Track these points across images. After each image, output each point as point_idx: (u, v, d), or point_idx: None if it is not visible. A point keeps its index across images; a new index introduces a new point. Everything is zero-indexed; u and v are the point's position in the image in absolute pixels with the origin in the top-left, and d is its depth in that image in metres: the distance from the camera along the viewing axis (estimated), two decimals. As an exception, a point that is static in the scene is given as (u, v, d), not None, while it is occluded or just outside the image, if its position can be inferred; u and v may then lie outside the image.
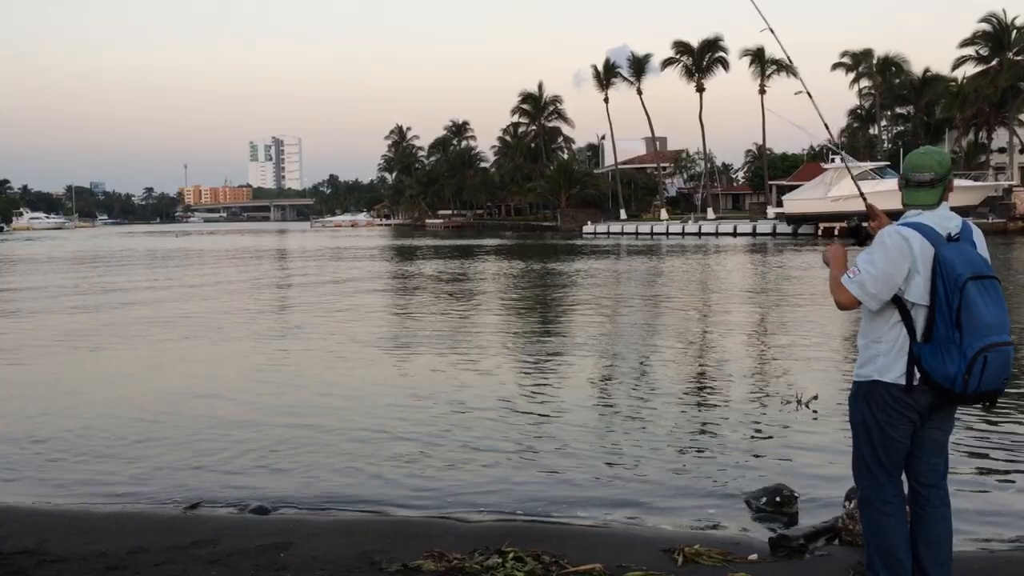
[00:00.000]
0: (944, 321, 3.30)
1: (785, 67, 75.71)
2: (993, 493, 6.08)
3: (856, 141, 77.42)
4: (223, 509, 5.96)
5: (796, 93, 5.25)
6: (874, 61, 73.28)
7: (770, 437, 7.66)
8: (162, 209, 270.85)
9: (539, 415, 8.61)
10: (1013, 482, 6.36)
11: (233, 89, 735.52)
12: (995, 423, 7.80)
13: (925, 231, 3.37)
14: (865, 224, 3.67)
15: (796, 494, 5.76)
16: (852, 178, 5.32)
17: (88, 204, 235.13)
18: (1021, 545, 5.10)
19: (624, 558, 4.48)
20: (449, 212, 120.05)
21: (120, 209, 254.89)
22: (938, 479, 3.58)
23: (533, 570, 4.31)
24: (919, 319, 3.38)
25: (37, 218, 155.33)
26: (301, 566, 4.49)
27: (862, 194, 4.41)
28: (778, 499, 5.70)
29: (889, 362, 3.43)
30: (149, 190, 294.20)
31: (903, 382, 3.39)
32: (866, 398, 3.51)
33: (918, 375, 3.37)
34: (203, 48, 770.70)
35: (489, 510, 5.89)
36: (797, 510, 5.62)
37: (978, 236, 3.49)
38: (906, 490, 3.62)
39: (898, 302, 3.41)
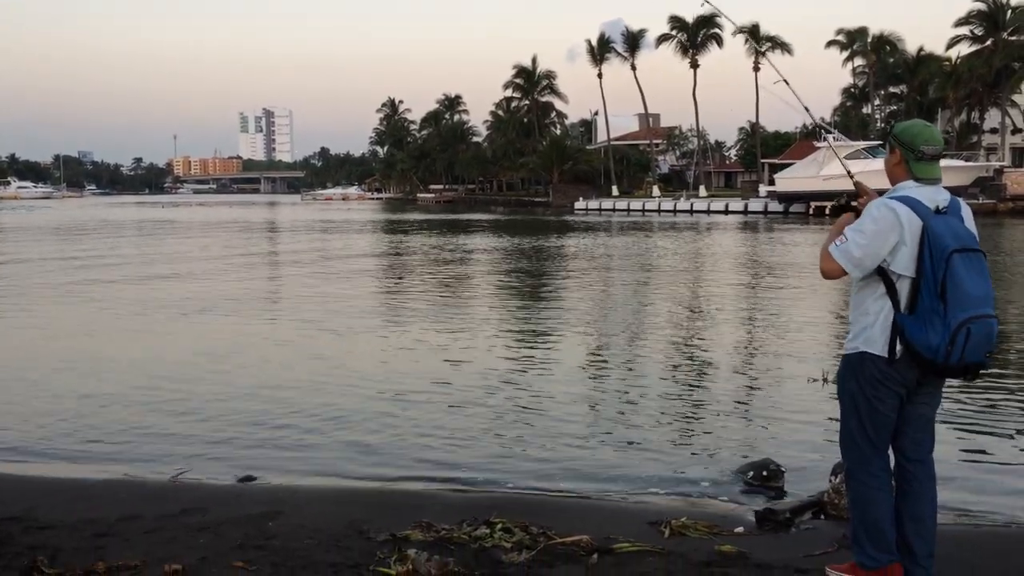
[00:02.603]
0: (929, 292, 3.31)
1: (780, 44, 75.42)
2: (977, 467, 6.14)
3: (849, 120, 77.35)
4: (212, 478, 5.97)
5: (775, 83, 5.22)
6: (868, 40, 73.10)
7: (763, 412, 7.70)
8: (151, 180, 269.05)
9: (529, 390, 8.63)
10: (997, 456, 6.42)
11: (223, 60, 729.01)
12: (980, 398, 7.86)
13: (913, 204, 3.39)
14: (854, 203, 3.68)
15: (783, 468, 5.81)
16: (839, 158, 5.31)
17: (76, 174, 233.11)
18: (1004, 519, 5.15)
19: (611, 530, 4.51)
20: (440, 186, 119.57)
21: (108, 179, 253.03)
22: (924, 454, 3.61)
23: (521, 540, 4.33)
24: (903, 290, 3.40)
25: (25, 187, 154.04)
26: (289, 535, 4.51)
27: (848, 172, 4.44)
28: (765, 473, 5.75)
29: (875, 334, 3.45)
30: (138, 160, 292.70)
31: (886, 354, 3.41)
32: (854, 371, 3.53)
33: (900, 347, 3.39)
34: (194, 18, 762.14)
35: (478, 482, 5.91)
36: (784, 484, 5.67)
37: (966, 212, 3.52)
38: (892, 464, 3.65)
39: (883, 274, 3.43)
